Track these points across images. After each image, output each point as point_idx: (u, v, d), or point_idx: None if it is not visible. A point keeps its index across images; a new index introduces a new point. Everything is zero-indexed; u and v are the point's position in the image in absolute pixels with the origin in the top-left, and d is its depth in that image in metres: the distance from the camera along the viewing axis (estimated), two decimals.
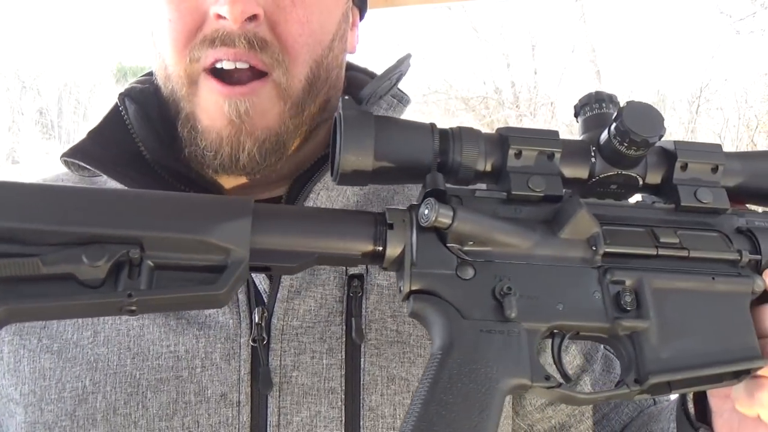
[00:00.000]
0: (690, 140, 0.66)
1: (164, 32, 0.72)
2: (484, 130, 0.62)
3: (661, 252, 0.61)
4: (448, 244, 0.58)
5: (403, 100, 0.84)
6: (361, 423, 0.71)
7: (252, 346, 0.71)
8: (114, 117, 0.80)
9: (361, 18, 0.88)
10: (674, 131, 11.47)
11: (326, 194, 0.77)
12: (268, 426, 0.70)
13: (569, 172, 0.62)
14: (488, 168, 0.61)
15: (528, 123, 11.34)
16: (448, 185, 0.60)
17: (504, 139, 0.61)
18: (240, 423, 0.70)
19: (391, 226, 0.59)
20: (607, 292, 0.60)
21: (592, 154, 0.62)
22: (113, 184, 0.75)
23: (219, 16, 0.69)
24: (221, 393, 0.71)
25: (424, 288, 0.58)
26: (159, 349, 0.72)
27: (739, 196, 0.65)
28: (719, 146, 0.64)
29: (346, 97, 0.60)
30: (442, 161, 0.61)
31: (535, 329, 0.58)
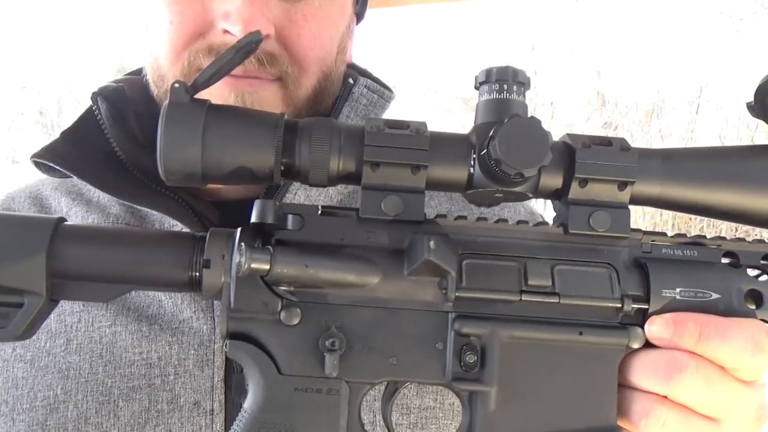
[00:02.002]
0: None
1: (163, 34, 0.71)
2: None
3: (525, 298, 0.52)
4: (272, 286, 0.52)
5: (384, 95, 0.82)
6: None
7: (226, 352, 0.71)
8: (88, 117, 0.79)
9: (358, 22, 0.87)
10: (674, 131, 11.47)
11: (304, 193, 0.76)
12: None
13: (440, 183, 0.53)
14: (343, 171, 0.53)
15: None
16: (300, 197, 0.55)
17: (359, 139, 0.52)
18: None
19: (207, 264, 0.53)
20: (451, 344, 0.52)
21: (471, 163, 0.52)
22: (83, 185, 0.74)
23: (227, 32, 0.68)
24: (194, 401, 0.70)
25: (242, 332, 0.52)
26: (131, 356, 0.71)
27: (660, 206, 0.55)
28: (634, 154, 0.51)
29: (176, 85, 0.53)
30: (289, 161, 0.53)
31: (360, 386, 0.52)
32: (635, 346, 0.52)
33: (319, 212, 0.54)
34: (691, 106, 11.33)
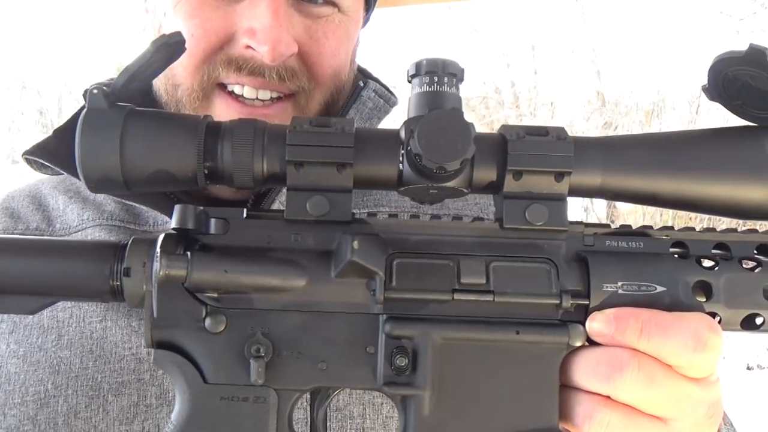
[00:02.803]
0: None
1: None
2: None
3: (458, 297, 0.50)
4: (195, 293, 0.51)
5: (390, 100, 0.83)
6: (328, 424, 0.70)
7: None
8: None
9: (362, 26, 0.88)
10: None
11: None
12: None
13: (369, 181, 0.51)
14: (268, 172, 0.51)
15: (528, 123, 11.32)
16: (225, 201, 0.53)
17: (282, 139, 0.50)
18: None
19: (127, 272, 0.51)
20: (382, 347, 0.50)
21: (401, 159, 0.50)
22: (81, 183, 0.75)
23: (250, 48, 0.68)
24: None
25: (167, 341, 0.51)
26: (121, 351, 0.72)
27: (604, 196, 0.53)
28: (571, 144, 0.49)
29: (95, 90, 0.51)
30: (212, 165, 0.51)
31: (289, 393, 0.51)
32: (577, 344, 0.49)
33: (245, 215, 0.53)
34: (691, 106, 11.32)
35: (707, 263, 0.51)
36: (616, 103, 11.83)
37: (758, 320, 0.50)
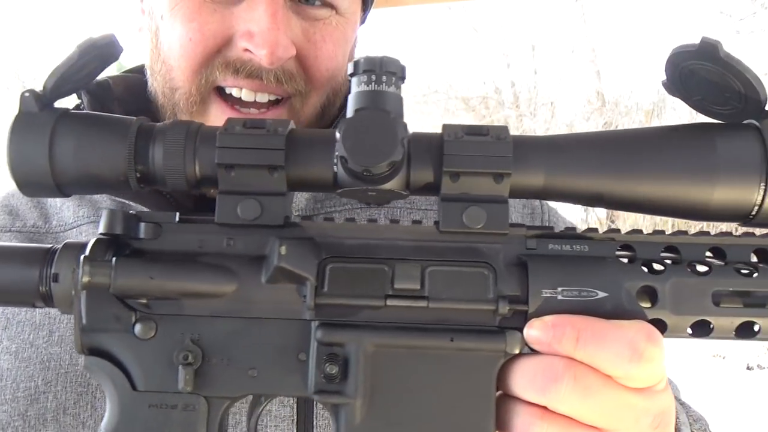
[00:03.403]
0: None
1: (181, 49, 0.69)
2: None
3: (391, 303, 0.48)
4: (124, 299, 0.50)
5: None
6: (315, 423, 0.69)
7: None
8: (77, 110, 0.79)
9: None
10: None
11: None
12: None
13: (304, 184, 0.50)
14: (201, 175, 0.50)
15: (528, 123, 11.33)
16: (160, 205, 0.52)
17: (212, 141, 0.49)
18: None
19: (56, 278, 0.50)
20: (314, 354, 0.48)
21: (335, 161, 0.48)
22: None
23: (248, 51, 0.67)
24: None
25: (97, 348, 0.50)
26: None
27: (549, 197, 0.50)
28: (509, 144, 0.47)
29: (26, 94, 0.50)
30: (144, 168, 0.50)
31: (220, 401, 0.50)
32: (514, 351, 0.47)
33: (177, 219, 0.51)
34: None
35: (655, 267, 0.48)
36: (616, 103, 11.82)
37: (755, 327, 0.48)
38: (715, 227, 0.52)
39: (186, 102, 0.72)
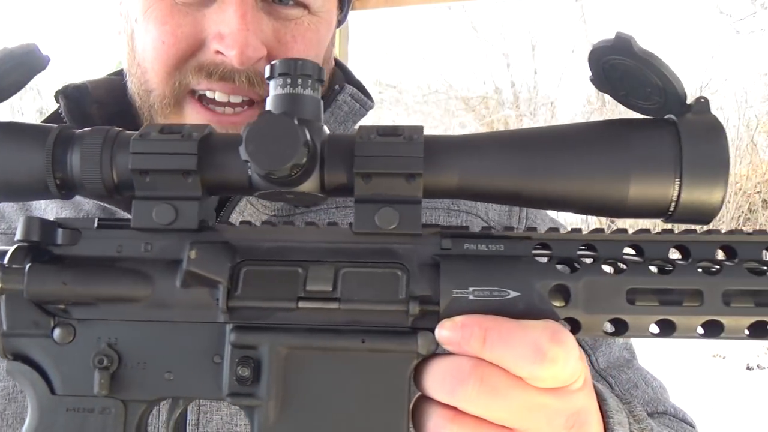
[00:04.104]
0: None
1: (154, 52, 0.70)
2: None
3: (303, 305, 0.48)
4: (43, 304, 0.50)
5: (366, 105, 0.82)
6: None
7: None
8: (56, 115, 0.79)
9: (338, 27, 0.87)
10: None
11: (252, 209, 0.75)
12: (187, 424, 0.69)
13: (221, 187, 0.50)
14: (118, 181, 0.50)
15: (528, 123, 11.33)
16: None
17: (126, 146, 0.49)
18: (159, 421, 0.69)
19: None
20: (229, 357, 0.49)
21: (249, 165, 0.47)
22: None
23: (220, 53, 0.68)
24: None
25: (19, 353, 0.50)
26: None
27: (465, 197, 0.50)
28: (420, 145, 0.47)
29: None
30: (63, 175, 0.50)
31: (137, 404, 0.50)
32: (426, 352, 0.47)
33: (96, 225, 0.52)
34: None
35: (568, 266, 0.48)
36: (616, 103, 11.81)
37: (672, 325, 0.47)
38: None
39: (160, 104, 0.72)
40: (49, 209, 0.81)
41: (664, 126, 0.46)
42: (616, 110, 11.59)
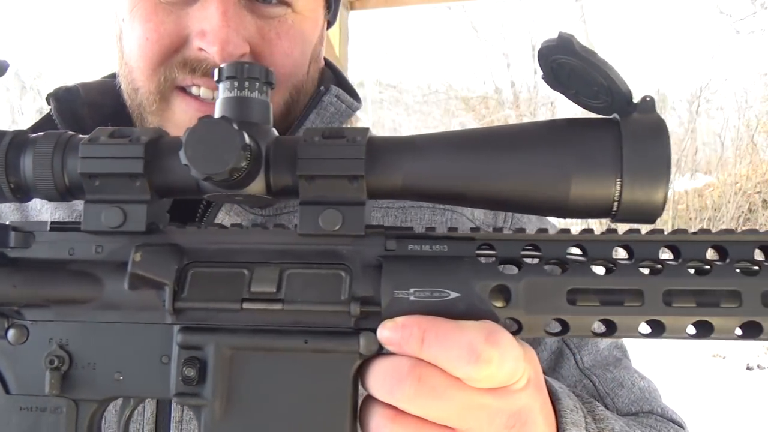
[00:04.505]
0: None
1: (139, 49, 0.71)
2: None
3: (247, 306, 0.48)
4: None
5: (353, 106, 0.82)
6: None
7: None
8: (49, 117, 0.80)
9: (328, 27, 0.87)
10: (674, 131, 11.45)
11: (238, 208, 0.75)
12: (171, 421, 0.69)
13: (169, 191, 0.51)
14: (70, 185, 0.51)
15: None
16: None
17: (75, 149, 0.50)
18: (144, 418, 0.70)
19: None
20: (176, 357, 0.49)
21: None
22: None
23: (202, 50, 0.69)
24: None
25: None
26: None
27: (410, 197, 0.50)
28: (362, 147, 0.48)
29: None
30: (17, 179, 0.51)
31: (88, 404, 0.51)
32: (369, 352, 0.47)
33: (48, 228, 0.53)
34: (691, 106, 11.33)
35: (510, 266, 0.48)
36: None
37: (613, 325, 0.47)
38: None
39: (148, 101, 0.73)
40: (44, 210, 0.81)
41: (606, 126, 0.46)
42: None
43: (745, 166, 9.87)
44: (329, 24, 0.86)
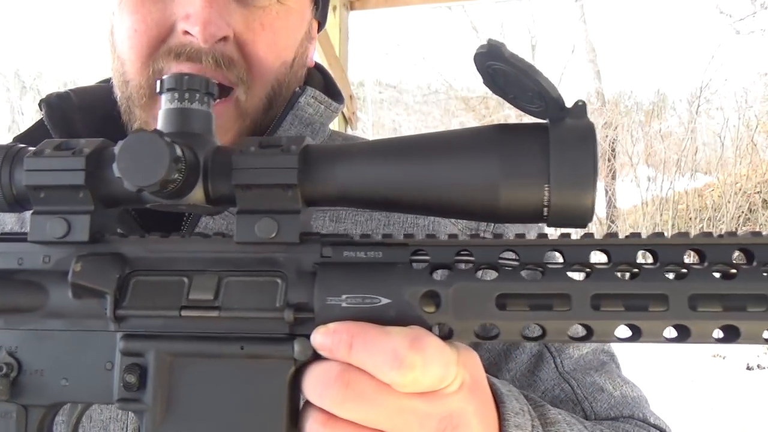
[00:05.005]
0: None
1: (129, 41, 0.72)
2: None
3: (186, 314, 0.50)
4: None
5: (331, 106, 0.83)
6: None
7: None
8: (42, 124, 0.81)
9: (320, 30, 0.88)
10: (674, 131, 11.46)
11: (210, 220, 0.76)
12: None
13: (112, 201, 0.52)
14: (18, 196, 0.53)
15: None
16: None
17: (21, 161, 0.52)
18: (128, 418, 0.71)
19: None
20: (118, 364, 0.51)
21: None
22: None
23: (187, 33, 0.70)
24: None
25: None
26: None
27: (347, 204, 0.51)
28: (294, 157, 0.48)
29: None
30: None
31: (36, 409, 0.53)
32: (303, 358, 0.48)
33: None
34: (691, 106, 11.34)
35: (444, 272, 0.49)
36: (616, 103, 11.83)
37: (541, 330, 0.47)
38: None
39: (138, 94, 0.73)
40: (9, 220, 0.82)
41: (535, 132, 0.47)
42: (615, 110, 11.59)
43: (745, 166, 9.88)
44: (320, 25, 0.87)
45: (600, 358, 0.79)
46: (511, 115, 11.62)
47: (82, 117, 0.80)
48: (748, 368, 5.92)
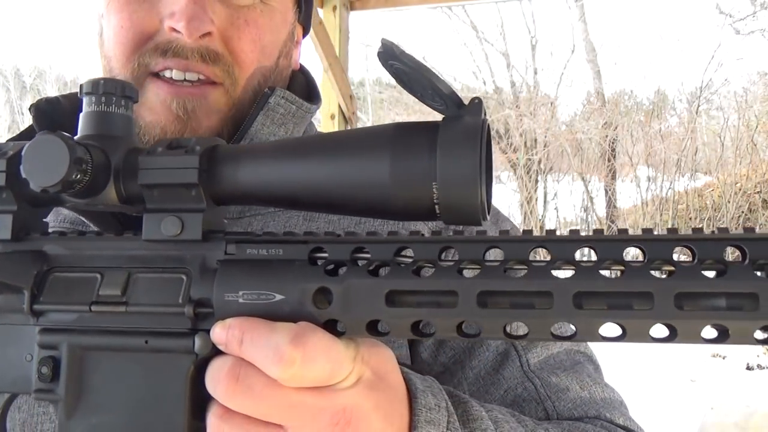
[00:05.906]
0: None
1: (115, 38, 0.74)
2: None
3: (96, 309, 0.52)
4: None
5: (303, 107, 0.82)
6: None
7: None
8: (32, 128, 0.82)
9: (304, 35, 0.90)
10: (674, 131, 11.46)
11: None
12: None
13: (40, 201, 0.55)
14: None
15: (528, 123, 11.34)
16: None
17: None
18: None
19: None
20: (36, 356, 0.54)
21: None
22: None
23: (173, 29, 0.72)
24: None
25: None
26: None
27: (253, 203, 0.53)
28: (195, 158, 0.50)
29: None
30: None
31: None
32: (204, 352, 0.50)
33: None
34: (691, 105, 11.34)
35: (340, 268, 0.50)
36: (616, 103, 11.83)
37: (428, 327, 0.48)
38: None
39: None
40: None
41: (426, 130, 0.47)
42: (615, 110, 11.59)
43: (745, 166, 9.88)
44: (305, 31, 0.89)
45: (574, 358, 0.78)
46: (511, 115, 11.62)
47: (72, 121, 0.82)
48: (748, 368, 5.92)
